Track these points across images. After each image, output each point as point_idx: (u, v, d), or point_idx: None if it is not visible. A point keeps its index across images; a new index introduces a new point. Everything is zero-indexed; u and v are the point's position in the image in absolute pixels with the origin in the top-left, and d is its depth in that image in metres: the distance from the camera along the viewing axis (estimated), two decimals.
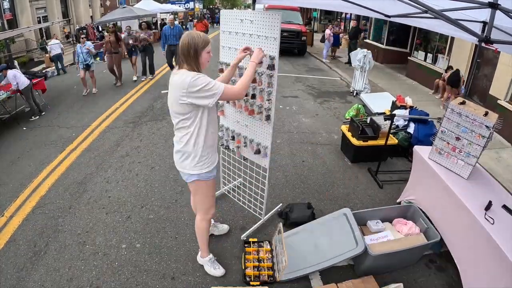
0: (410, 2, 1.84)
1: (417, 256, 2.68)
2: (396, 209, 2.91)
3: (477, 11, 2.14)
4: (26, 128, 5.68)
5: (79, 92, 7.76)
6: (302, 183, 3.85)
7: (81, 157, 4.47)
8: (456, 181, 2.67)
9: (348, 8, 2.80)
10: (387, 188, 3.80)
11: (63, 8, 18.06)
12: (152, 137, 5.03)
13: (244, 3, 46.51)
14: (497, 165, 4.50)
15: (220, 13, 2.92)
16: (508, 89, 5.58)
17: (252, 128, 2.78)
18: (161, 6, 18.45)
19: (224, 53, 2.80)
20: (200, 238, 2.46)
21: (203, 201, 2.31)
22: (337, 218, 2.69)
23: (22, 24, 13.69)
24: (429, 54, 8.68)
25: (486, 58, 6.56)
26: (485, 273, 2.18)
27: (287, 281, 2.47)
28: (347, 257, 2.38)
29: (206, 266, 2.55)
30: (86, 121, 5.77)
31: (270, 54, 2.41)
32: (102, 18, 16.31)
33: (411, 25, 8.24)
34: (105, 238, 2.92)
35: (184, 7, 26.62)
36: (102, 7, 22.70)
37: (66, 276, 2.52)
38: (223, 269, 2.54)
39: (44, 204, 3.44)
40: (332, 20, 16.52)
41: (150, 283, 2.46)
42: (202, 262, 2.59)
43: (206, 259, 2.53)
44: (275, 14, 2.29)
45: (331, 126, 5.61)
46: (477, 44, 2.21)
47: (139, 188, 3.69)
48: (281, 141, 4.94)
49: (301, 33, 12.03)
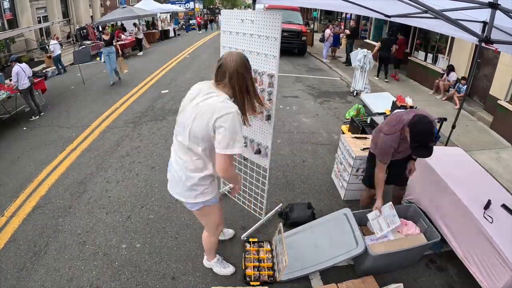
0: (410, 2, 1.84)
1: (417, 256, 2.68)
2: (396, 209, 2.90)
3: (477, 11, 2.14)
4: (26, 128, 5.68)
5: (79, 92, 7.77)
6: (302, 183, 3.85)
7: (81, 157, 4.47)
8: (456, 180, 2.67)
9: (348, 8, 2.80)
10: (388, 188, 3.79)
11: (63, 8, 18.05)
12: (152, 137, 5.03)
13: (244, 3, 46.52)
14: (497, 165, 4.50)
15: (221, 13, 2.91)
16: (508, 89, 5.58)
17: (252, 128, 2.78)
18: (161, 6, 18.47)
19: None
20: (208, 248, 2.43)
21: (211, 222, 2.17)
22: (337, 218, 2.69)
23: (22, 24, 13.67)
24: (429, 54, 8.68)
25: (486, 58, 6.56)
26: (491, 273, 2.18)
27: (287, 281, 2.47)
28: (347, 257, 2.37)
29: (215, 267, 2.53)
30: (86, 121, 5.77)
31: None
32: (102, 18, 16.31)
33: (411, 25, 8.24)
34: (105, 238, 2.92)
35: (184, 7, 26.65)
36: (102, 7, 22.68)
37: (66, 276, 2.52)
38: (233, 267, 2.54)
39: (44, 204, 3.44)
40: (332, 20, 16.51)
41: (150, 283, 2.46)
42: (210, 266, 2.56)
43: (214, 261, 2.51)
44: (276, 14, 2.29)
45: (331, 126, 5.61)
46: (477, 44, 2.22)
47: (139, 188, 3.69)
48: (281, 141, 4.94)
49: (301, 33, 12.03)
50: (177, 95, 7.26)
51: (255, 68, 2.55)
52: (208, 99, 1.67)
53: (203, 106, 1.66)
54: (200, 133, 1.68)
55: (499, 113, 5.65)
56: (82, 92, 7.75)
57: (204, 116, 1.64)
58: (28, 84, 6.04)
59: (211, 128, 1.63)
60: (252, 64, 2.57)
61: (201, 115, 1.65)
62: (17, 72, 5.82)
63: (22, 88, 5.94)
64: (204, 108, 1.65)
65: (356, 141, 3.47)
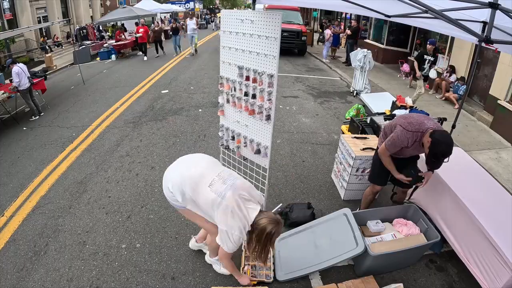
0: (410, 2, 1.84)
1: (417, 256, 2.68)
2: (396, 209, 2.90)
3: (477, 11, 2.14)
4: (26, 128, 5.68)
5: (79, 92, 7.77)
6: (302, 183, 3.85)
7: (81, 157, 4.47)
8: (456, 181, 2.67)
9: (348, 8, 2.80)
10: (387, 188, 3.79)
11: (63, 8, 18.06)
12: (152, 137, 5.03)
13: (244, 3, 46.52)
14: (497, 165, 4.50)
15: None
16: (508, 89, 5.58)
17: (252, 128, 2.78)
18: (161, 6, 18.47)
19: (224, 53, 2.80)
20: (211, 247, 2.47)
21: (199, 224, 2.28)
22: (337, 218, 2.69)
23: (22, 24, 13.68)
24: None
25: (486, 58, 6.57)
26: (491, 272, 2.18)
27: (287, 281, 2.47)
28: (347, 257, 2.37)
29: (215, 265, 2.55)
30: (86, 121, 5.77)
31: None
32: (102, 18, 16.33)
33: (411, 25, 8.25)
34: (105, 238, 2.92)
35: (184, 7, 26.65)
36: (102, 7, 22.71)
37: (66, 276, 2.52)
38: None
39: (44, 204, 3.44)
40: (332, 20, 16.50)
41: (150, 283, 2.47)
42: (211, 262, 2.59)
43: (215, 258, 2.53)
44: (276, 14, 2.29)
45: (331, 126, 5.61)
46: (477, 44, 2.21)
47: (139, 188, 3.69)
48: (281, 141, 4.94)
49: (301, 33, 12.03)
50: (177, 95, 7.26)
51: (255, 68, 2.55)
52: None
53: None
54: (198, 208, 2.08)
55: (499, 113, 5.65)
56: (82, 92, 7.75)
57: (209, 211, 2.02)
58: (27, 84, 6.03)
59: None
60: (252, 64, 2.58)
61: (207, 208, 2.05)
62: (18, 72, 5.81)
63: (22, 88, 5.92)
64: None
65: (356, 141, 3.47)
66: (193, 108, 6.40)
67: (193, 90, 7.66)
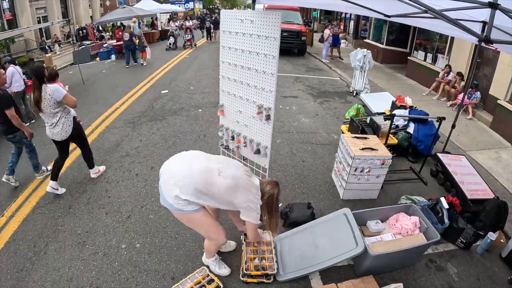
0: (410, 2, 1.84)
1: (417, 256, 2.68)
2: (396, 209, 2.91)
3: (477, 11, 2.14)
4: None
5: (79, 92, 7.72)
6: (302, 183, 3.85)
7: (81, 157, 4.45)
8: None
9: (348, 8, 2.80)
10: (387, 188, 3.80)
11: (63, 8, 18.06)
12: (152, 137, 5.03)
13: (244, 3, 46.52)
14: (496, 165, 4.50)
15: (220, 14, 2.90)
16: (508, 89, 5.58)
17: (252, 128, 2.78)
18: (161, 6, 18.45)
19: (224, 53, 2.80)
20: (207, 250, 2.49)
21: (197, 229, 2.35)
22: (337, 218, 2.69)
23: (22, 24, 13.68)
24: (429, 54, 8.68)
25: (486, 58, 6.56)
26: None
27: (287, 281, 2.47)
28: (347, 257, 2.37)
29: (212, 266, 2.55)
30: (86, 121, 5.75)
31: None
32: (102, 18, 16.32)
33: (411, 25, 8.25)
34: (105, 238, 2.92)
35: (184, 7, 26.65)
36: (102, 7, 22.70)
37: (66, 276, 2.52)
38: (229, 268, 2.55)
39: (44, 204, 3.44)
40: (332, 20, 16.51)
41: (150, 283, 2.46)
42: (207, 263, 2.58)
43: (212, 259, 2.53)
44: (275, 14, 2.29)
45: (331, 126, 5.61)
46: (477, 44, 2.22)
47: (139, 188, 3.69)
48: (281, 141, 4.94)
49: (301, 33, 12.03)
50: (177, 95, 7.26)
51: (254, 68, 2.55)
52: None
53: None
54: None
55: (499, 113, 5.65)
56: (82, 92, 7.73)
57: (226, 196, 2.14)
58: (23, 86, 5.78)
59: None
60: (252, 64, 2.58)
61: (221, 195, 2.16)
62: (12, 74, 5.58)
63: (16, 90, 5.65)
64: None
65: (356, 141, 3.47)
66: (193, 108, 6.40)
67: (193, 90, 7.66)
